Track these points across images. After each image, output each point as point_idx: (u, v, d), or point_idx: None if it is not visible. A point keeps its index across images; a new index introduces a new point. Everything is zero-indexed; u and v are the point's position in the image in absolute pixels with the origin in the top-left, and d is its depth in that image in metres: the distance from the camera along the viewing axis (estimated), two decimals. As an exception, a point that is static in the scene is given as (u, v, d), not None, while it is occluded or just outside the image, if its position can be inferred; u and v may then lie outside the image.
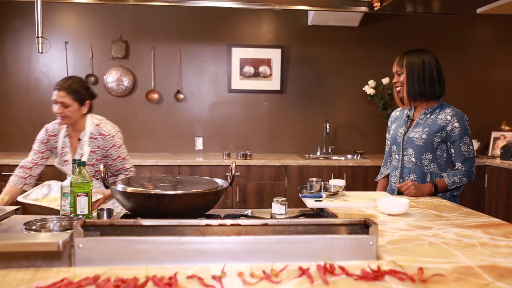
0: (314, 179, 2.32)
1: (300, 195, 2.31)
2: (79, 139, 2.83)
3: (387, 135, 2.86)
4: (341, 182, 2.37)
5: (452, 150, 2.52)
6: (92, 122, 2.84)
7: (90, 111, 2.88)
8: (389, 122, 2.86)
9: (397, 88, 2.66)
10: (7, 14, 4.88)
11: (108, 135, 2.82)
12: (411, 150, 2.58)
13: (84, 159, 2.80)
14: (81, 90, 2.78)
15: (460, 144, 2.49)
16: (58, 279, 1.09)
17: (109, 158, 2.85)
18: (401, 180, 2.63)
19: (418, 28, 5.28)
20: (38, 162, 2.86)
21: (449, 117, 2.52)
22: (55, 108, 2.75)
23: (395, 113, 2.85)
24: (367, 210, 2.08)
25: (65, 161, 2.88)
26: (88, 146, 2.81)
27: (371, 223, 1.34)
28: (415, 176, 2.57)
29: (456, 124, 2.49)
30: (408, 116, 2.69)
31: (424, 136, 2.53)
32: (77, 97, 2.75)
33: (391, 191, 2.70)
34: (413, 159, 2.57)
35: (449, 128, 2.50)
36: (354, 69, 5.22)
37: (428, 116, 2.59)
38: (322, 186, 2.32)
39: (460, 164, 2.50)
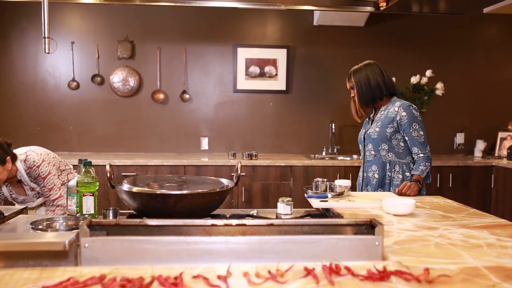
0: (319, 179, 2.32)
1: (305, 195, 2.31)
2: (20, 181, 2.78)
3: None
4: (347, 183, 2.37)
5: (406, 138, 2.77)
6: (19, 159, 2.74)
7: (14, 160, 2.71)
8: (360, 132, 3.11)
9: (356, 100, 2.94)
10: (14, 14, 4.91)
11: (34, 166, 2.74)
12: (370, 144, 2.87)
13: (38, 190, 2.81)
14: None
15: (411, 131, 2.73)
16: (64, 279, 1.09)
17: (41, 187, 2.80)
18: (364, 174, 2.91)
19: (424, 28, 5.26)
20: None
21: (396, 108, 2.78)
22: None
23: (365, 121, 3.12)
24: (372, 211, 2.07)
25: (22, 200, 2.86)
26: (30, 181, 2.77)
27: (377, 223, 1.33)
28: (376, 167, 2.83)
29: (404, 114, 2.74)
30: (369, 117, 3.01)
31: (377, 129, 2.82)
32: None
33: (358, 184, 3.00)
34: (373, 152, 2.86)
35: (398, 118, 2.75)
36: (360, 69, 5.20)
37: (382, 112, 2.87)
38: (328, 186, 2.31)
39: (416, 149, 2.73)
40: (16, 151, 2.78)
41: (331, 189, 2.32)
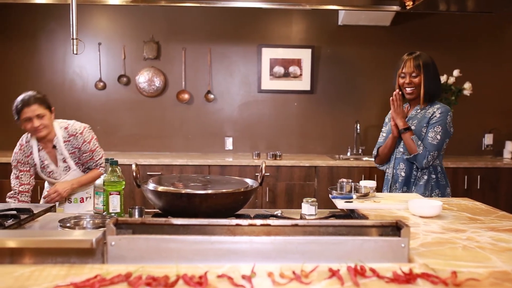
0: (344, 180, 2.30)
1: (330, 196, 2.30)
2: (54, 146, 2.87)
3: (383, 128, 2.99)
4: (372, 183, 2.34)
5: (424, 133, 2.69)
6: (60, 126, 2.90)
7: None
8: (386, 118, 3.00)
9: (408, 89, 2.76)
10: (43, 16, 5.01)
11: (76, 134, 2.89)
12: (402, 142, 2.78)
13: (69, 162, 2.89)
14: (45, 99, 2.85)
15: (430, 130, 2.66)
16: (92, 276, 1.11)
17: (82, 153, 2.91)
18: (394, 170, 2.83)
19: (451, 27, 5.17)
20: (30, 181, 2.91)
21: (435, 110, 2.71)
22: (30, 125, 2.74)
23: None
24: (398, 212, 2.05)
25: (50, 172, 2.92)
26: (66, 150, 2.87)
27: (403, 225, 1.32)
28: (404, 164, 2.77)
29: (438, 114, 2.68)
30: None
31: (412, 127, 2.73)
32: (47, 105, 2.82)
33: (387, 181, 2.88)
34: (401, 149, 2.78)
35: (432, 116, 2.69)
36: (385, 69, 5.13)
37: (419, 111, 2.78)
38: (353, 187, 2.29)
39: (422, 146, 2.65)
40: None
41: (356, 190, 2.30)
